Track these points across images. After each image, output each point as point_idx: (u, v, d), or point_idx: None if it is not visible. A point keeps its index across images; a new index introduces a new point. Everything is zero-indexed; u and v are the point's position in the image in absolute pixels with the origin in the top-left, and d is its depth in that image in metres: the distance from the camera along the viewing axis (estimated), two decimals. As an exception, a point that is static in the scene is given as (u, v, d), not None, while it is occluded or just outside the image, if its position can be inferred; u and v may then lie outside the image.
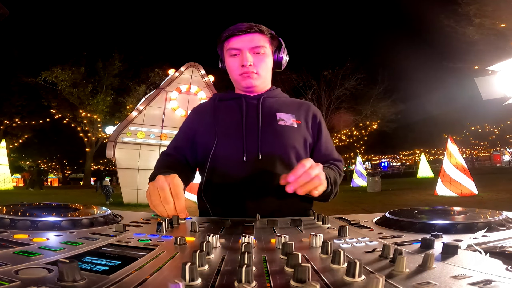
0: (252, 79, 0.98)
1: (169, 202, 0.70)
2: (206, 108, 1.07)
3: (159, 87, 9.33)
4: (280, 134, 0.97)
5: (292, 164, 0.95)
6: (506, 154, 36.01)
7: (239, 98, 1.02)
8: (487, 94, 5.28)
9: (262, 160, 0.92)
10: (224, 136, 0.96)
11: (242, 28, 0.96)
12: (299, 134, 1.00)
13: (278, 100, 1.06)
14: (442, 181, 8.45)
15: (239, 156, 0.93)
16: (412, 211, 0.69)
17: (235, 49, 0.97)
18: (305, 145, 1.01)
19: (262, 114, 0.99)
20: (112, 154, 8.42)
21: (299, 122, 1.02)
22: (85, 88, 20.06)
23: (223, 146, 0.95)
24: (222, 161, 0.94)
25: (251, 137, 0.95)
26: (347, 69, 21.29)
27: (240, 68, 0.97)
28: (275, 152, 0.94)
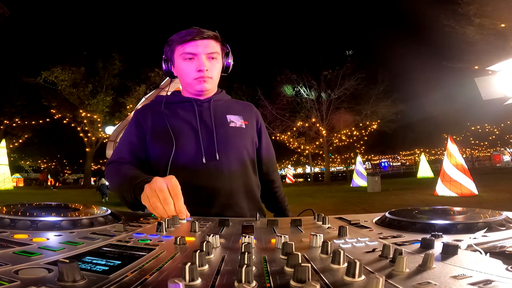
0: (207, 83, 1.02)
1: (169, 203, 0.70)
2: (153, 111, 1.05)
3: (159, 87, 9.33)
4: (233, 135, 1.03)
5: (245, 161, 1.03)
6: (506, 154, 36.01)
7: (189, 102, 1.04)
8: (487, 94, 5.28)
9: (220, 160, 0.97)
10: (182, 140, 0.98)
11: (198, 33, 0.98)
12: (248, 134, 1.08)
13: (225, 103, 1.11)
14: (442, 181, 8.45)
15: (198, 158, 0.96)
16: (412, 211, 0.69)
17: (191, 54, 0.98)
18: (253, 144, 1.09)
19: (214, 117, 1.03)
20: (112, 154, 8.42)
21: (247, 123, 1.09)
22: (85, 88, 20.07)
23: (182, 150, 0.97)
24: (182, 164, 0.96)
25: (207, 139, 0.99)
26: (347, 69, 21.30)
27: (196, 73, 0.99)
28: (230, 152, 1.00)
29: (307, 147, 23.59)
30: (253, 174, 1.06)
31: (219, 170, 0.97)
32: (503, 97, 5.17)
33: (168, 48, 1.05)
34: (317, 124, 22.59)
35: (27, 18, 23.71)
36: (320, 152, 25.01)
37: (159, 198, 0.70)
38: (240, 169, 1.01)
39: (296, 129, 23.11)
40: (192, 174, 0.95)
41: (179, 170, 0.94)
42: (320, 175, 32.51)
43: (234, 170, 0.99)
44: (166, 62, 1.08)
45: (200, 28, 1.01)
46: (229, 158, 0.99)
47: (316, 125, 22.67)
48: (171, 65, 1.07)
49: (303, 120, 22.75)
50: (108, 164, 1.02)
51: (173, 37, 1.02)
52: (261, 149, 1.13)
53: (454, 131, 25.32)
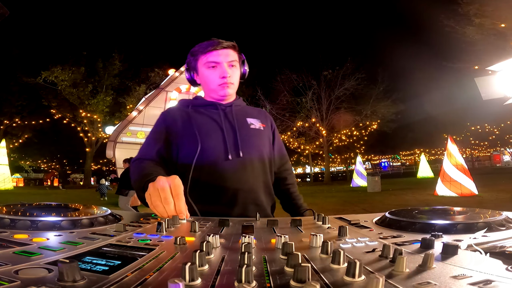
0: (229, 89, 1.11)
1: (169, 203, 0.70)
2: (179, 113, 1.12)
3: (159, 87, 9.34)
4: (253, 135, 1.13)
5: (264, 159, 1.12)
6: (506, 154, 36.01)
7: (214, 105, 1.14)
8: (487, 94, 5.28)
9: (243, 157, 1.05)
10: (209, 138, 1.05)
11: (219, 44, 1.08)
12: (265, 135, 1.18)
13: (244, 108, 1.22)
14: (442, 181, 8.45)
15: (224, 154, 1.03)
16: (412, 211, 0.69)
17: (214, 62, 1.08)
18: (270, 145, 1.19)
19: (236, 119, 1.12)
20: (112, 154, 8.42)
21: (264, 125, 1.19)
22: (85, 88, 20.08)
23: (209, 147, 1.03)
24: (208, 161, 1.02)
25: (231, 139, 1.07)
26: (347, 69, 21.30)
27: (220, 79, 1.09)
28: (252, 150, 1.08)
29: (307, 147, 23.59)
30: (270, 172, 1.15)
31: (242, 166, 1.04)
32: (503, 97, 5.17)
33: (192, 58, 1.13)
34: (317, 124, 22.60)
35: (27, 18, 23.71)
36: (320, 152, 25.02)
37: (160, 197, 0.71)
38: (260, 166, 1.09)
39: (296, 129, 23.12)
40: (218, 170, 1.02)
41: (206, 166, 1.01)
42: (320, 175, 32.54)
43: (256, 167, 1.07)
44: (189, 71, 1.17)
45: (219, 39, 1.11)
46: (251, 155, 1.07)
47: (316, 125, 22.67)
48: (194, 74, 1.16)
49: (303, 120, 22.76)
50: (133, 162, 1.07)
51: (196, 48, 1.11)
52: (275, 149, 1.22)
53: (454, 131, 25.30)
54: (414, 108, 25.49)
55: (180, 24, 52.28)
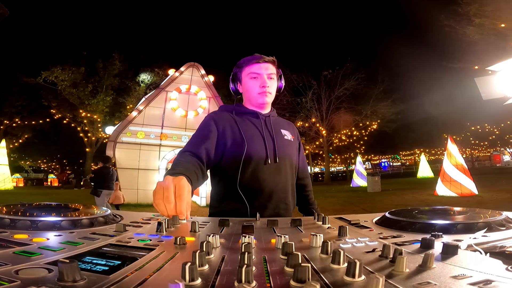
0: (267, 97, 1.24)
1: (170, 202, 0.71)
2: (226, 118, 1.25)
3: (159, 87, 9.34)
4: (287, 145, 1.27)
5: (293, 166, 1.27)
6: (506, 154, 36.01)
7: (255, 113, 1.27)
8: (487, 94, 5.28)
9: (279, 163, 1.19)
10: (252, 143, 1.17)
11: (261, 58, 1.22)
12: (294, 146, 1.33)
13: (277, 119, 1.36)
14: (442, 181, 8.45)
15: (263, 159, 1.17)
16: (412, 211, 0.69)
17: (256, 73, 1.22)
18: (297, 155, 1.33)
19: (274, 128, 1.27)
20: (112, 154, 8.42)
21: (293, 137, 1.34)
22: (85, 88, 20.07)
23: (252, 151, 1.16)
24: (251, 164, 1.15)
25: (271, 146, 1.21)
26: (347, 69, 21.30)
27: (260, 88, 1.22)
28: (285, 157, 1.23)
29: (307, 147, 23.58)
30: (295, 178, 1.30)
31: (278, 170, 1.18)
32: (503, 97, 5.16)
33: (237, 69, 1.27)
34: (317, 124, 22.60)
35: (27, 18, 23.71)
36: (320, 152, 25.03)
37: (163, 195, 0.71)
38: (290, 172, 1.24)
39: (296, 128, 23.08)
40: (259, 172, 1.15)
41: (249, 168, 1.13)
42: (320, 175, 32.52)
43: (287, 172, 1.22)
44: (233, 81, 1.31)
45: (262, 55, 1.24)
46: (285, 162, 1.22)
47: (316, 125, 22.67)
48: (238, 84, 1.29)
49: (303, 120, 22.75)
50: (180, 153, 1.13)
51: (242, 61, 1.26)
52: (300, 159, 1.37)
53: (454, 131, 25.32)
54: (414, 108, 25.51)
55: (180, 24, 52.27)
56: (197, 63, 9.61)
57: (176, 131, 9.10)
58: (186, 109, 9.19)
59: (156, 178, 8.69)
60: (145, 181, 8.61)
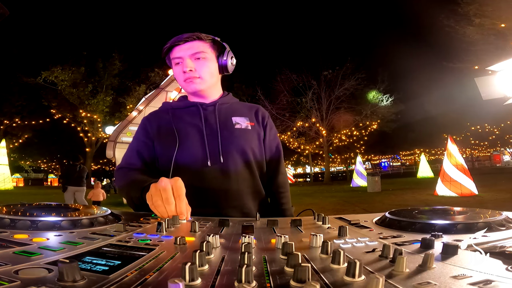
0: (195, 84, 1.02)
1: (170, 203, 0.70)
2: (160, 117, 1.08)
3: (159, 87, 9.33)
4: (238, 136, 1.03)
5: (251, 163, 1.03)
6: (506, 154, 36.01)
7: (195, 106, 1.06)
8: (487, 94, 5.28)
9: (224, 162, 0.98)
10: (187, 143, 0.99)
11: (181, 38, 1.01)
12: (254, 135, 1.07)
13: (231, 106, 1.12)
14: (442, 181, 8.45)
15: (203, 161, 0.98)
16: (412, 211, 0.69)
17: (178, 58, 1.02)
18: (260, 145, 1.08)
19: (219, 120, 1.04)
20: (112, 154, 8.41)
21: (253, 124, 1.09)
22: (85, 88, 20.08)
23: (187, 153, 0.98)
24: (187, 166, 0.97)
25: (212, 142, 1.00)
26: (347, 69, 21.30)
27: (183, 74, 1.02)
28: (235, 154, 1.01)
29: (307, 147, 23.59)
30: (261, 176, 1.07)
31: (224, 172, 0.98)
32: (503, 97, 5.16)
33: (166, 58, 1.09)
34: (317, 124, 22.60)
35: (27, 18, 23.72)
36: (320, 152, 25.02)
37: (162, 197, 0.71)
38: (246, 170, 1.01)
39: (296, 129, 23.11)
40: (197, 177, 0.96)
41: (184, 173, 0.93)
42: (320, 175, 32.53)
43: (240, 172, 1.00)
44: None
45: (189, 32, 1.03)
46: (235, 160, 1.00)
47: (316, 125, 22.67)
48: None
49: (303, 120, 22.76)
50: (118, 170, 1.04)
51: (164, 46, 1.06)
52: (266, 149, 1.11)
53: (454, 131, 25.31)
54: (414, 108, 25.52)
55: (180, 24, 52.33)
56: (197, 63, 9.59)
57: (176, 131, 9.09)
58: (186, 109, 9.18)
59: (156, 178, 8.68)
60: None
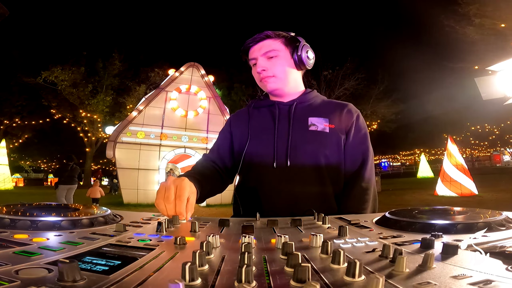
0: (270, 83, 1.01)
1: (170, 202, 0.71)
2: (242, 114, 1.11)
3: (159, 87, 9.33)
4: (310, 140, 0.96)
5: (321, 169, 0.94)
6: (506, 154, 36.01)
7: (272, 105, 1.04)
8: (487, 94, 5.28)
9: (291, 166, 0.93)
10: (256, 142, 0.99)
11: (252, 40, 1.01)
12: (332, 139, 0.97)
13: (312, 104, 1.04)
14: (442, 181, 8.45)
15: (269, 162, 0.95)
16: (412, 211, 0.69)
17: (252, 59, 1.03)
18: (338, 149, 0.97)
19: (293, 120, 0.98)
20: (112, 154, 8.42)
21: (332, 126, 0.98)
22: (85, 88, 20.06)
23: (255, 152, 0.98)
24: (253, 166, 0.98)
25: (282, 144, 0.96)
26: (347, 69, 21.30)
27: (258, 75, 1.02)
28: (304, 159, 0.94)
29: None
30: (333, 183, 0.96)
31: (289, 175, 0.94)
32: (503, 97, 5.16)
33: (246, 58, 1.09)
34: (317, 124, 22.55)
35: (27, 18, 23.74)
36: (320, 152, 24.97)
37: (164, 195, 0.71)
38: (314, 176, 0.94)
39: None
40: (262, 177, 0.96)
41: (250, 172, 0.97)
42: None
43: (307, 177, 0.94)
44: None
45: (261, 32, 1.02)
46: (303, 164, 0.94)
47: (316, 125, 22.62)
48: None
49: (303, 120, 22.72)
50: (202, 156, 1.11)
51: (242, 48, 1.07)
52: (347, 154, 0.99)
53: (454, 131, 25.33)
54: (414, 108, 25.53)
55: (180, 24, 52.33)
56: (197, 63, 9.60)
57: (176, 131, 9.10)
58: (186, 109, 9.19)
59: (156, 178, 8.69)
60: (145, 181, 8.61)
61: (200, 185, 0.86)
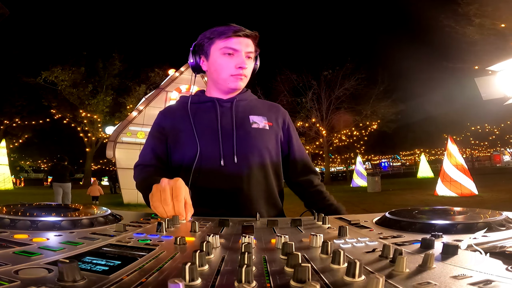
0: (242, 82, 1.01)
1: (168, 204, 0.70)
2: (178, 111, 1.05)
3: (159, 87, 9.33)
4: (254, 137, 1.00)
5: (266, 165, 1.00)
6: (506, 154, 36.02)
7: (212, 102, 1.03)
8: (487, 94, 5.28)
9: (238, 163, 0.95)
10: (200, 142, 0.96)
11: (241, 30, 0.97)
12: (271, 135, 1.03)
13: (249, 103, 1.08)
14: (442, 181, 8.45)
15: (216, 160, 0.95)
16: (412, 211, 0.69)
17: (232, 49, 0.96)
18: (277, 146, 1.05)
19: (236, 118, 1.00)
20: (112, 154, 8.42)
21: (271, 124, 1.05)
22: (85, 88, 20.08)
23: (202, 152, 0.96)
24: (198, 166, 0.95)
25: (227, 141, 0.97)
26: (347, 69, 21.30)
27: (235, 69, 0.97)
28: (250, 154, 0.97)
29: (307, 147, 23.56)
30: (276, 178, 1.03)
31: (237, 173, 0.95)
32: (503, 97, 5.16)
33: (206, 40, 1.00)
34: (317, 124, 22.59)
35: (27, 18, 23.74)
36: (320, 152, 25.03)
37: (161, 198, 0.71)
38: (260, 172, 0.98)
39: (296, 129, 23.09)
40: (209, 176, 0.95)
41: (196, 171, 0.94)
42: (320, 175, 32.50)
43: (254, 174, 0.96)
44: (195, 54, 1.04)
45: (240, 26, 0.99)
46: (249, 160, 0.96)
47: (316, 125, 22.67)
48: (202, 58, 1.03)
49: (303, 120, 22.75)
50: (135, 167, 1.06)
51: (213, 30, 0.99)
52: (294, 150, 1.09)
53: (454, 131, 25.34)
54: (414, 108, 25.56)
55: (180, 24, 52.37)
56: (197, 63, 9.59)
57: (176, 131, 9.09)
58: (186, 109, 9.18)
59: (156, 178, 8.69)
60: (145, 181, 8.61)
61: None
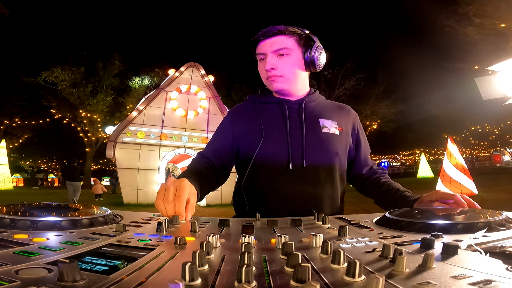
0: (277, 83, 0.97)
1: (169, 202, 0.71)
2: (246, 111, 1.04)
3: (159, 87, 9.33)
4: (324, 142, 0.97)
5: (334, 170, 0.97)
6: (506, 154, 36.01)
7: (280, 103, 1.01)
8: (487, 94, 5.28)
9: (307, 167, 0.93)
10: (269, 143, 0.94)
11: (264, 33, 0.95)
12: (341, 141, 1.01)
13: (318, 104, 1.05)
14: (442, 181, 8.45)
15: (284, 163, 0.93)
16: (412, 211, 0.69)
17: (261, 54, 0.97)
18: (346, 151, 1.03)
19: (305, 121, 0.98)
20: (112, 154, 8.41)
21: (341, 129, 1.02)
22: (85, 88, 20.07)
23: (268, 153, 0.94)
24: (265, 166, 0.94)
25: (296, 145, 0.95)
26: (347, 69, 21.29)
27: (265, 73, 0.97)
28: (319, 160, 0.95)
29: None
30: (340, 183, 1.02)
31: (305, 177, 0.93)
32: (503, 97, 5.16)
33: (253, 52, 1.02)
34: (317, 124, 22.55)
35: (27, 18, 23.75)
36: (320, 152, 24.98)
37: (164, 196, 0.72)
38: (327, 178, 0.96)
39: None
40: (276, 178, 0.93)
41: (263, 172, 0.93)
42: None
43: (322, 179, 0.95)
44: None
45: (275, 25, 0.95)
46: (318, 166, 0.95)
47: (316, 125, 22.63)
48: None
49: (303, 120, 22.71)
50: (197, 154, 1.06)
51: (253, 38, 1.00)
52: (360, 154, 1.10)
53: (454, 131, 25.35)
54: (414, 108, 25.55)
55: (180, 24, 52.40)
56: (197, 63, 9.60)
57: (176, 131, 9.10)
58: (186, 109, 9.19)
59: (156, 178, 8.70)
60: (145, 181, 8.61)
61: (199, 186, 0.86)
